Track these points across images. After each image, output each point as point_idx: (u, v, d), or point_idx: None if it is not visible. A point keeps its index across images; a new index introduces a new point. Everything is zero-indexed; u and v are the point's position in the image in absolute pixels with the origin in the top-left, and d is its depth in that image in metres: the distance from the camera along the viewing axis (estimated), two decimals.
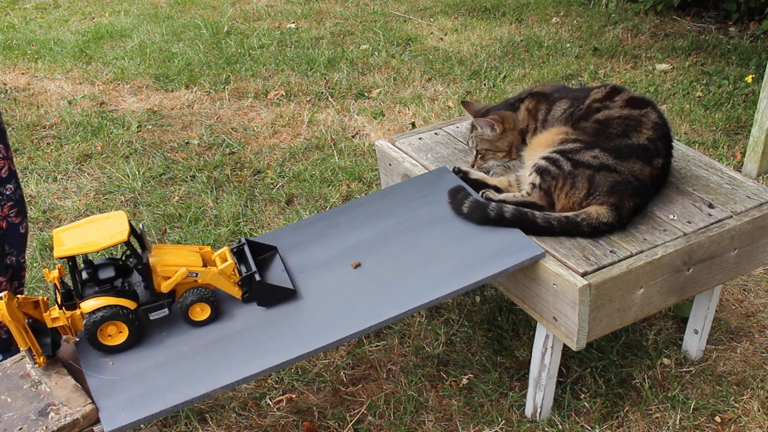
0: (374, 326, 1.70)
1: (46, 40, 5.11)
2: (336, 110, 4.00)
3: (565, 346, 1.94)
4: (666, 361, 2.28)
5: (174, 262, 1.73)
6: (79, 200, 3.23)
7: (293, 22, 5.36)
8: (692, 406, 2.12)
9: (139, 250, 1.73)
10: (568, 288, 1.73)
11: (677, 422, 2.07)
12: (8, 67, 4.71)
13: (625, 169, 1.90)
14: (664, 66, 4.39)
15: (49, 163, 3.52)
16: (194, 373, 1.65)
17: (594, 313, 1.77)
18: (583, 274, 1.75)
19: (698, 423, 2.08)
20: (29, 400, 1.59)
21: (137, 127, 3.86)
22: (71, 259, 1.68)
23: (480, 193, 2.02)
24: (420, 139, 2.40)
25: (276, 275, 1.84)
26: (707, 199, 2.02)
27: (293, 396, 2.21)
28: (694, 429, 2.06)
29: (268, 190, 3.25)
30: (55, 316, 1.66)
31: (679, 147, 2.29)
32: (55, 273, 1.70)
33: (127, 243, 1.67)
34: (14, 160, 2.08)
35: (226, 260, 1.80)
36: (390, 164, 2.33)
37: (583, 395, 2.17)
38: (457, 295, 2.22)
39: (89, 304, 1.66)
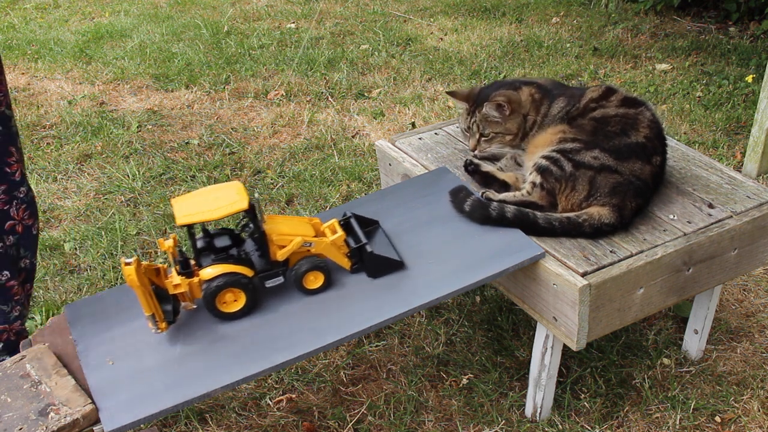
0: (374, 326, 1.70)
1: (46, 40, 5.11)
2: (336, 110, 4.00)
3: (565, 346, 1.94)
4: (666, 361, 2.28)
5: (289, 232, 1.76)
6: (79, 200, 3.23)
7: (293, 22, 5.36)
8: (692, 406, 2.12)
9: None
10: (568, 288, 1.73)
11: (677, 422, 2.07)
12: (8, 67, 4.71)
13: (626, 169, 1.91)
14: (664, 66, 4.39)
15: (49, 163, 3.52)
16: (194, 373, 1.65)
17: (594, 313, 1.77)
18: (583, 274, 1.75)
19: (698, 423, 2.08)
20: (29, 400, 1.59)
21: (137, 127, 3.86)
22: (189, 228, 1.70)
23: (480, 193, 2.02)
24: (420, 139, 2.40)
25: (382, 248, 1.86)
26: (707, 199, 2.02)
27: (293, 396, 2.21)
28: (694, 429, 2.06)
29: (268, 190, 3.25)
30: (177, 282, 1.70)
31: (679, 147, 2.29)
32: (170, 242, 1.73)
33: (248, 211, 1.70)
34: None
35: (336, 232, 1.83)
36: (390, 164, 2.33)
37: (583, 395, 2.17)
38: (457, 295, 2.22)
39: (208, 272, 1.70)
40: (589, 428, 2.07)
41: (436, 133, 2.43)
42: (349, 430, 2.10)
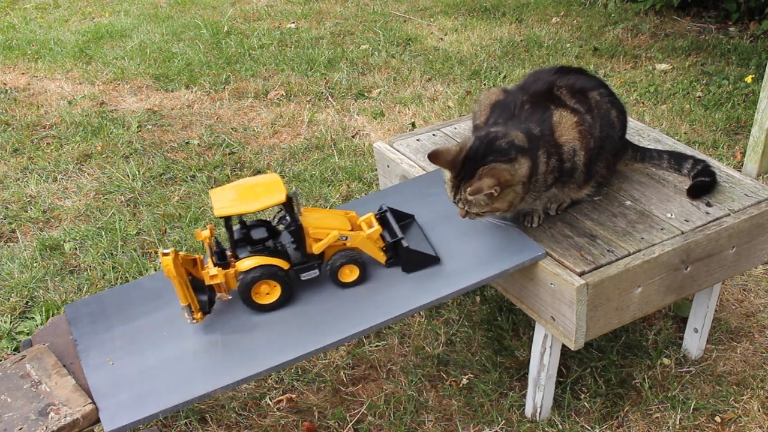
0: (375, 327, 1.70)
1: (46, 40, 5.12)
2: (336, 110, 4.00)
3: (564, 345, 1.94)
4: (666, 361, 2.28)
5: (325, 225, 1.78)
6: (79, 200, 3.23)
7: (293, 22, 5.37)
8: (692, 406, 2.12)
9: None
10: (566, 287, 1.73)
11: (677, 422, 2.07)
12: (8, 67, 4.72)
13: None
14: (664, 66, 4.39)
15: (49, 163, 3.52)
16: (194, 373, 1.65)
17: (592, 313, 1.77)
18: (581, 274, 1.75)
19: (698, 423, 2.08)
20: (29, 400, 1.60)
21: (137, 127, 3.87)
22: (226, 220, 1.71)
23: None
24: (418, 140, 2.40)
25: (417, 243, 1.86)
26: (706, 197, 2.02)
27: (293, 396, 2.21)
28: (694, 429, 2.07)
29: None
30: (214, 273, 1.71)
31: (678, 146, 2.29)
32: (207, 233, 1.74)
33: (285, 204, 1.71)
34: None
35: (372, 226, 1.83)
36: (388, 166, 2.34)
37: (583, 395, 2.17)
38: (457, 295, 2.22)
39: (245, 264, 1.71)
40: (589, 428, 2.07)
41: (433, 134, 2.43)
42: (349, 430, 2.10)
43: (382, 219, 1.91)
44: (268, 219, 1.86)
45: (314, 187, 3.22)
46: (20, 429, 1.52)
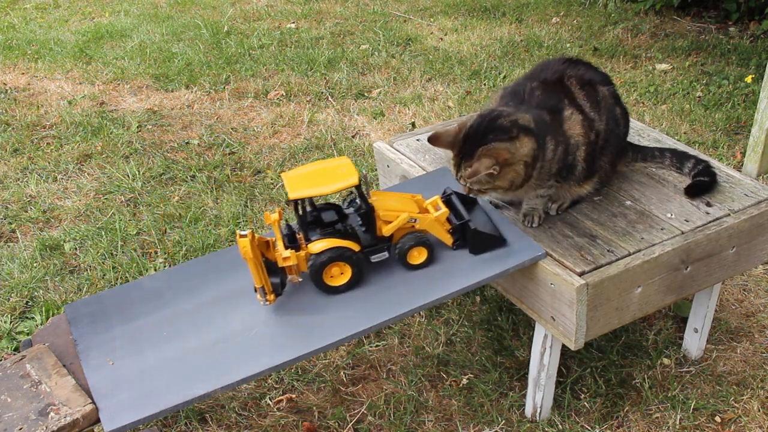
0: (375, 326, 1.70)
1: (46, 40, 5.12)
2: (336, 110, 4.00)
3: (564, 345, 1.94)
4: (666, 361, 2.28)
5: (395, 208, 1.79)
6: (79, 200, 3.23)
7: (293, 22, 5.37)
8: (692, 406, 2.12)
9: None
10: (566, 287, 1.73)
11: (677, 422, 2.07)
12: (8, 67, 4.72)
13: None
14: (664, 66, 4.39)
15: (49, 163, 3.52)
16: (194, 373, 1.65)
17: (592, 313, 1.77)
18: (581, 274, 1.75)
19: (698, 423, 2.08)
20: (29, 400, 1.60)
21: (137, 127, 3.87)
22: (296, 203, 1.74)
23: None
24: (418, 140, 2.40)
25: (483, 225, 1.87)
26: (705, 197, 2.02)
27: (293, 396, 2.21)
28: (694, 429, 2.07)
29: (268, 190, 3.25)
30: (287, 255, 1.72)
31: (678, 146, 2.29)
32: (276, 216, 1.76)
33: (358, 187, 1.73)
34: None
35: (440, 208, 1.84)
36: (388, 166, 2.34)
37: (583, 395, 2.17)
38: (457, 295, 2.22)
39: (317, 246, 1.72)
40: (589, 428, 2.07)
41: None
42: (349, 430, 2.10)
43: (447, 202, 1.92)
44: (335, 202, 1.88)
45: None
46: (20, 429, 1.52)
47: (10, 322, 2.52)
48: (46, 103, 4.18)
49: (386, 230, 1.78)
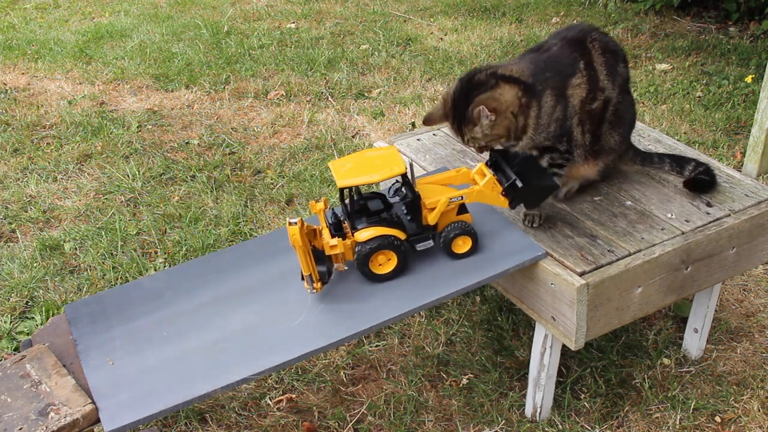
0: (375, 326, 1.70)
1: (46, 40, 5.12)
2: (336, 110, 4.00)
3: (564, 345, 1.94)
4: (666, 361, 2.28)
5: (437, 193, 1.81)
6: (79, 200, 3.23)
7: (293, 22, 5.37)
8: (692, 406, 2.12)
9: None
10: (566, 287, 1.73)
11: (677, 422, 2.07)
12: (8, 67, 4.72)
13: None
14: (664, 66, 4.39)
15: (49, 163, 3.52)
16: (194, 373, 1.65)
17: (592, 313, 1.77)
18: (581, 274, 1.75)
19: (698, 423, 2.08)
20: (29, 400, 1.60)
21: (137, 127, 3.87)
22: (344, 191, 1.75)
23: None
24: (418, 140, 2.40)
25: (539, 175, 1.88)
26: (705, 197, 2.02)
27: (293, 396, 2.21)
28: (694, 429, 2.07)
29: (268, 190, 3.25)
30: (334, 244, 1.73)
31: (678, 146, 2.29)
32: (321, 205, 1.77)
33: (404, 175, 1.74)
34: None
35: (485, 175, 1.85)
36: None
37: (583, 395, 2.17)
38: (457, 296, 2.22)
39: (364, 234, 1.73)
40: (589, 428, 2.07)
41: (434, 134, 2.43)
42: (349, 430, 2.10)
43: (494, 165, 1.91)
44: (378, 191, 1.89)
45: (314, 187, 3.22)
46: (20, 429, 1.52)
47: (10, 322, 2.52)
48: (46, 103, 4.18)
49: (431, 218, 1.79)
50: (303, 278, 1.75)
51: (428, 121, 1.91)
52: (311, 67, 4.53)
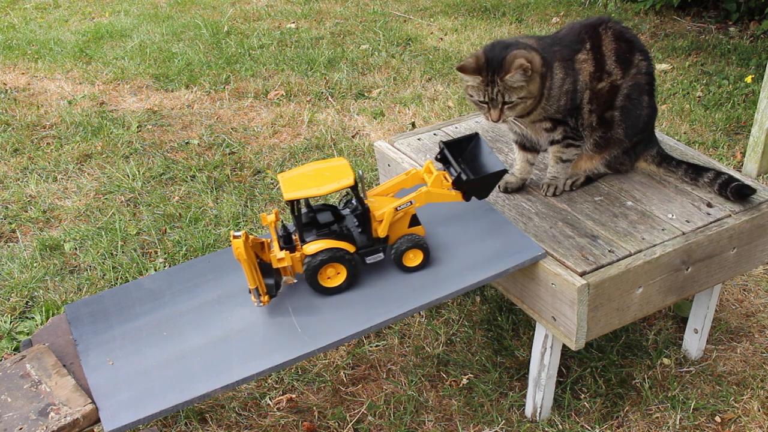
0: (375, 326, 1.70)
1: (46, 40, 5.12)
2: (336, 110, 4.00)
3: (564, 345, 1.94)
4: (666, 361, 2.28)
5: (384, 204, 1.80)
6: (79, 200, 3.23)
7: (293, 22, 5.36)
8: (692, 406, 2.12)
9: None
10: (567, 288, 1.73)
11: (677, 422, 2.07)
12: (8, 67, 4.72)
13: None
14: (664, 66, 4.39)
15: (49, 163, 3.52)
16: (194, 373, 1.65)
17: (593, 313, 1.77)
18: (582, 274, 1.75)
19: (698, 423, 2.08)
20: (29, 400, 1.59)
21: (137, 127, 3.86)
22: (293, 204, 1.73)
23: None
24: (419, 140, 2.40)
25: (487, 161, 1.86)
26: (706, 198, 2.02)
27: (293, 396, 2.21)
28: (694, 429, 2.07)
29: (268, 190, 3.25)
30: (281, 257, 1.73)
31: (678, 146, 2.29)
32: (272, 217, 1.76)
33: (353, 188, 1.73)
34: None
35: (433, 173, 1.84)
36: (389, 165, 2.33)
37: (583, 395, 2.17)
38: (457, 295, 2.22)
39: (312, 247, 1.73)
40: (589, 428, 2.07)
41: (434, 134, 2.43)
42: (349, 430, 2.10)
43: (442, 158, 1.90)
44: (331, 203, 1.88)
45: None
46: (20, 429, 1.52)
47: (10, 322, 2.52)
48: (46, 103, 4.18)
49: (381, 230, 1.78)
50: (250, 291, 1.74)
51: (463, 69, 1.95)
52: (311, 67, 4.53)
